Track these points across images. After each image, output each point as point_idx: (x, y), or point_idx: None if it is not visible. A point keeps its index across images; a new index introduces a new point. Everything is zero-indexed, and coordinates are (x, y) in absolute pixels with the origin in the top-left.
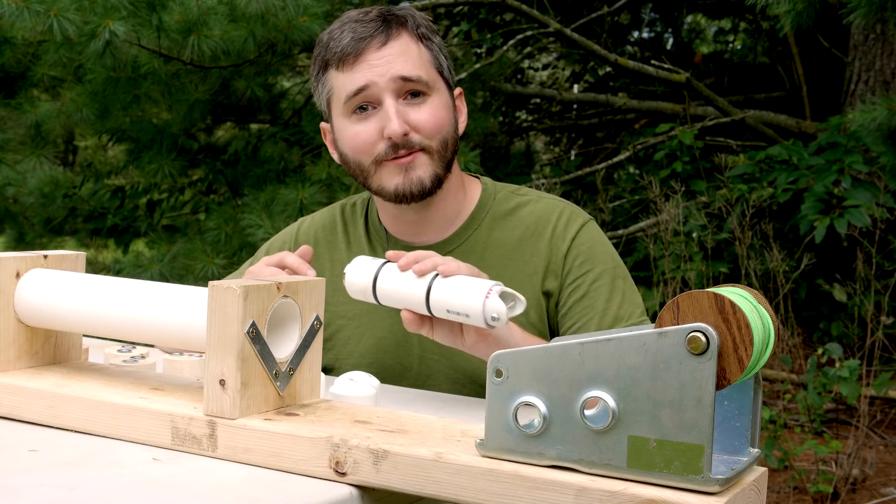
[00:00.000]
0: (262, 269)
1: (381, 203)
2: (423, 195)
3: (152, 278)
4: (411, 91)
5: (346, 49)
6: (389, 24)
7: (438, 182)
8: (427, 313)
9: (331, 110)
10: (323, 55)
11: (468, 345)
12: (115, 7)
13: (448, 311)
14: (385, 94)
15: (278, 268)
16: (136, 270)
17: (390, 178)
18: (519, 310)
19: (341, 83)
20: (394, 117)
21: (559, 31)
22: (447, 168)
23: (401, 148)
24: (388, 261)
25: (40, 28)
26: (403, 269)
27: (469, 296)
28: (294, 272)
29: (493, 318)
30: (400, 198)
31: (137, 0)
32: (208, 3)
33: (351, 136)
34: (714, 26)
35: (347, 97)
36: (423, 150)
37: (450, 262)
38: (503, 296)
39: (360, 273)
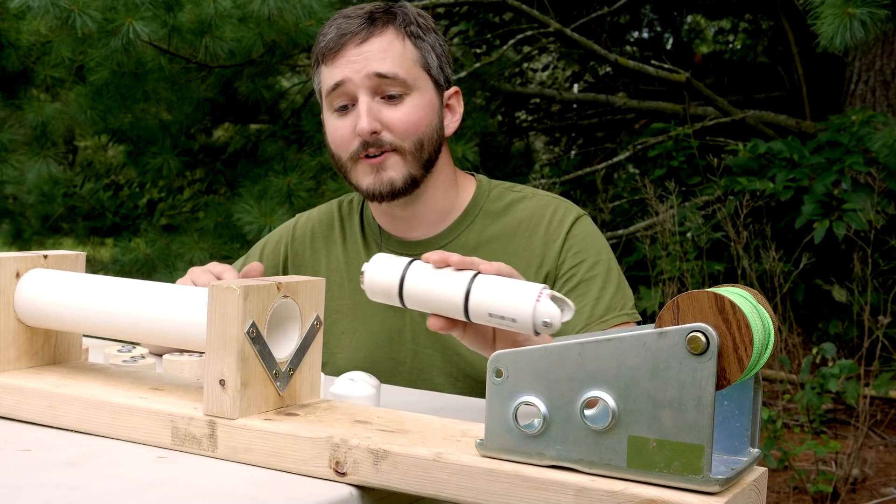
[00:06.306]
0: (199, 275)
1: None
2: (394, 195)
3: (141, 261)
4: (389, 89)
5: (329, 44)
6: (375, 20)
7: (413, 183)
8: (463, 318)
9: (321, 103)
10: (315, 49)
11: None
12: (137, 5)
13: (491, 314)
14: (360, 91)
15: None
16: (125, 256)
17: (363, 177)
18: (568, 315)
19: (324, 77)
20: (363, 115)
21: (559, 31)
22: (425, 168)
23: (371, 146)
24: (415, 259)
25: (60, 21)
26: (438, 265)
27: (517, 298)
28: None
29: (545, 324)
30: (371, 196)
31: (157, 0)
32: (223, 5)
33: (331, 130)
34: (714, 26)
35: (327, 91)
36: (394, 150)
37: (490, 263)
38: (554, 300)
39: (382, 272)
